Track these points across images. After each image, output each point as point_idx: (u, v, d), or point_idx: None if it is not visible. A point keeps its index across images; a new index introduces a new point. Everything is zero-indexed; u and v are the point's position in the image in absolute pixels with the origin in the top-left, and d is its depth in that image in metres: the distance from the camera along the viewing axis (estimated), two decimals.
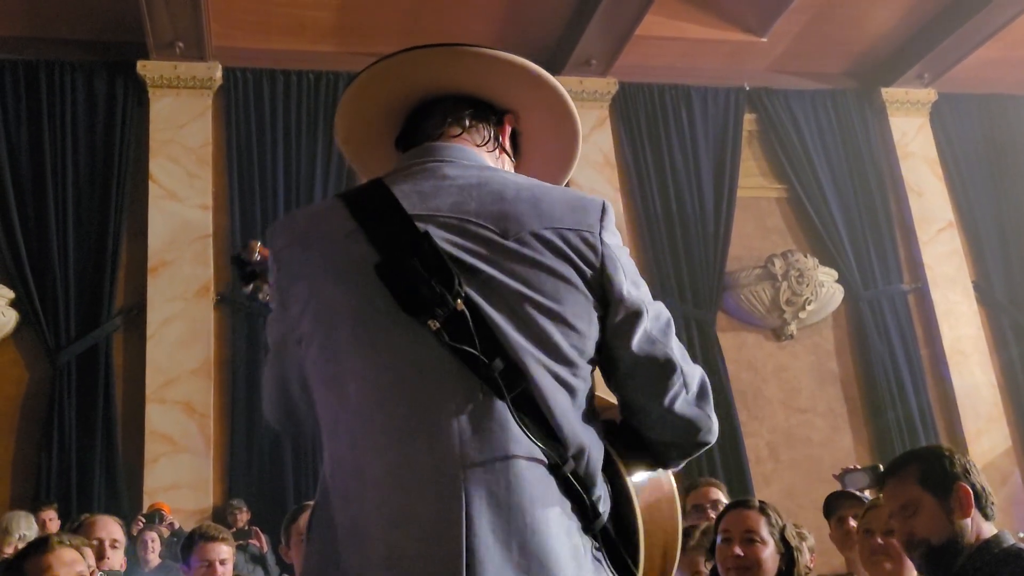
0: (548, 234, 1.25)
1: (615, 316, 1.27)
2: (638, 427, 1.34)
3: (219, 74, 7.90)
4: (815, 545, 3.55)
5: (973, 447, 8.14)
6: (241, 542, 5.56)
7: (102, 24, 7.63)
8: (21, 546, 3.92)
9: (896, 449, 8.08)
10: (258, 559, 5.92)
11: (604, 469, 1.26)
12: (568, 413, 1.22)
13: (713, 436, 1.33)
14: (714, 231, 8.47)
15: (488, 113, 1.46)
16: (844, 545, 3.29)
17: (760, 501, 2.53)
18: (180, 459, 6.86)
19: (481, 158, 1.41)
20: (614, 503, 1.26)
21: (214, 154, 7.79)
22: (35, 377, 7.08)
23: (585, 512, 1.21)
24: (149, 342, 7.13)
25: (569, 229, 1.27)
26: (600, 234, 1.29)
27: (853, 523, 3.22)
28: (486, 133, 1.45)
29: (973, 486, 2.11)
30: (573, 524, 1.19)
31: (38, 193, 7.33)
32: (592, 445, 1.23)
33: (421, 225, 1.25)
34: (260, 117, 7.92)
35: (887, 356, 8.49)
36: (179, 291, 7.31)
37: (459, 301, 1.19)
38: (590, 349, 1.26)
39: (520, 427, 1.18)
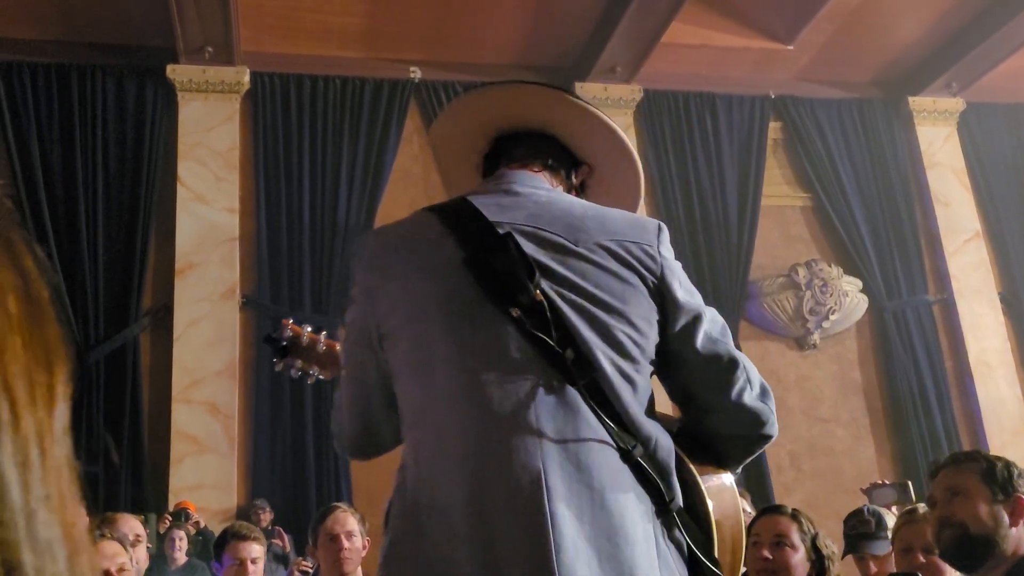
0: (612, 245, 1.39)
1: (676, 320, 1.39)
2: (704, 424, 1.43)
3: (247, 78, 7.98)
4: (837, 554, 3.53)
5: None
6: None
7: (133, 29, 7.73)
8: None
9: (919, 460, 8.02)
10: (281, 558, 5.97)
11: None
12: (632, 404, 1.32)
13: (775, 430, 1.43)
14: (738, 239, 8.45)
15: (567, 160, 1.61)
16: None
17: (793, 508, 2.53)
18: (205, 459, 6.92)
19: (552, 189, 1.56)
20: (684, 492, 1.34)
21: (241, 158, 7.86)
22: None
23: (660, 495, 1.28)
24: (176, 343, 7.20)
25: (631, 241, 1.41)
26: (659, 248, 1.42)
27: (874, 568, 3.14)
28: (562, 178, 1.59)
29: None
30: (645, 507, 1.27)
31: (68, 194, 7.42)
32: (659, 434, 1.33)
33: (503, 230, 1.39)
34: (287, 121, 7.99)
35: (911, 367, 8.43)
36: (206, 293, 7.38)
37: (538, 292, 1.32)
38: (650, 349, 1.37)
39: (591, 414, 1.28)
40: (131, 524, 3.54)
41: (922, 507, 2.71)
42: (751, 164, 8.70)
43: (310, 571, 4.69)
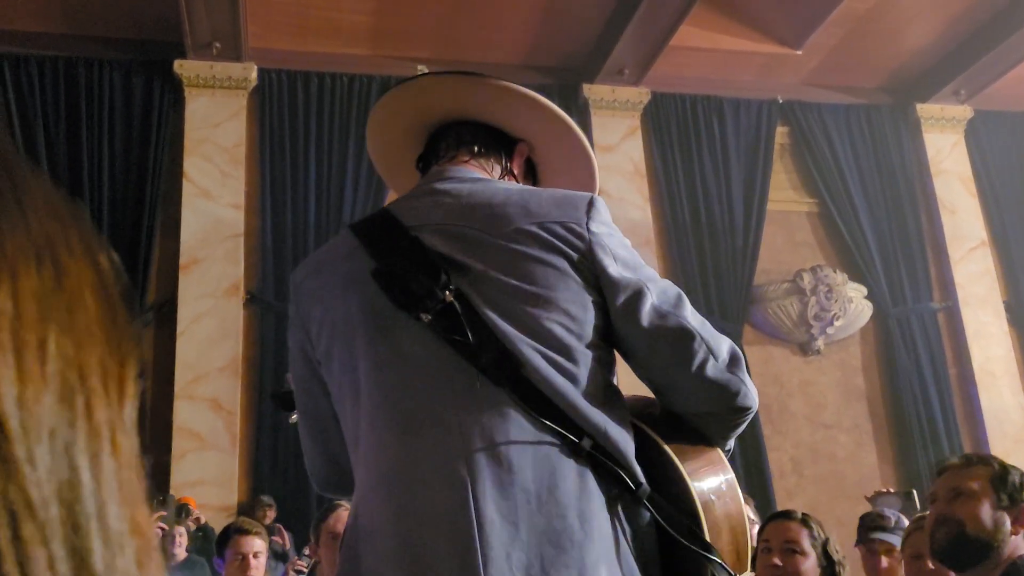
0: (534, 228, 1.30)
1: (615, 299, 1.29)
2: (674, 404, 1.35)
3: (254, 75, 7.97)
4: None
5: None
6: None
7: (141, 23, 7.73)
8: None
9: (921, 468, 8.01)
10: (280, 556, 5.96)
11: (644, 448, 1.28)
12: (571, 396, 1.23)
13: (751, 401, 1.32)
14: (743, 244, 8.44)
15: (500, 142, 1.52)
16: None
17: (803, 513, 2.51)
18: (207, 455, 6.91)
19: (482, 178, 1.46)
20: (660, 475, 1.26)
21: (247, 154, 7.86)
22: None
23: (623, 486, 1.21)
24: (179, 339, 7.19)
25: (554, 222, 1.31)
26: (587, 224, 1.31)
27: (885, 563, 3.14)
28: (495, 161, 1.50)
29: None
30: (599, 502, 1.20)
31: (74, 188, 7.41)
32: (608, 425, 1.24)
33: (415, 233, 1.33)
34: (294, 118, 7.99)
35: (914, 374, 8.42)
36: (210, 289, 7.37)
37: (448, 293, 1.25)
38: (588, 333, 1.28)
39: (522, 413, 1.21)
40: None
41: None
42: (757, 169, 8.69)
43: (304, 570, 4.67)
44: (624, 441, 1.24)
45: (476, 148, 1.48)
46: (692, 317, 1.30)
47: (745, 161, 8.71)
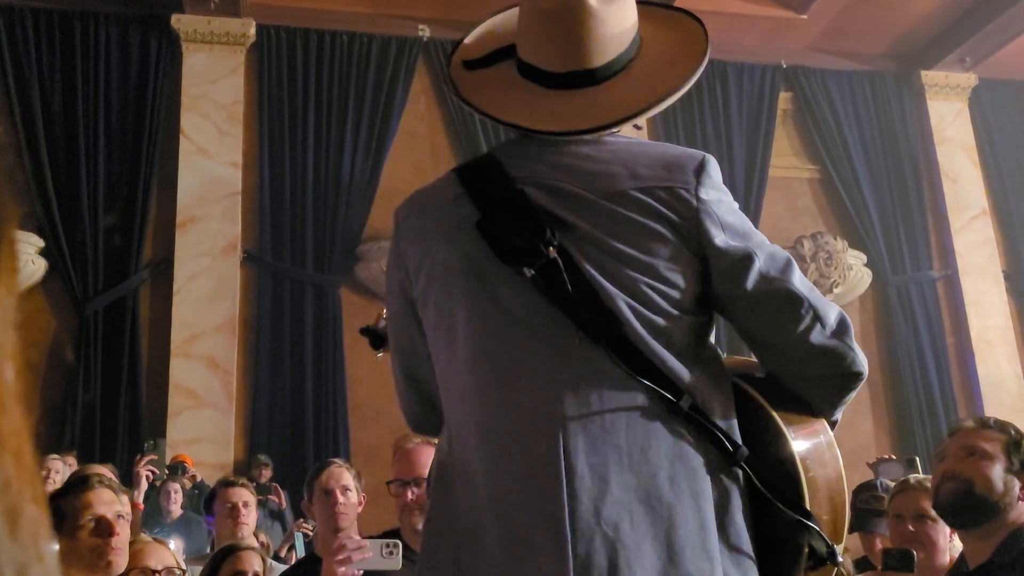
0: (639, 193, 1.28)
1: (721, 266, 1.27)
2: (778, 368, 1.33)
3: (253, 31, 7.87)
4: None
5: None
6: (261, 497, 5.61)
7: None
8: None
9: (917, 436, 8.04)
10: (277, 515, 5.98)
11: (746, 409, 1.27)
12: (668, 358, 1.23)
13: (860, 367, 1.31)
14: (743, 209, 7.92)
15: None
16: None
17: None
18: (202, 413, 6.91)
19: None
20: (761, 438, 1.26)
21: (245, 111, 7.78)
22: (62, 326, 7.15)
23: (720, 448, 1.21)
24: (175, 297, 7.17)
25: (661, 187, 1.28)
26: (696, 190, 1.28)
27: (880, 545, 3.12)
28: None
29: None
30: (694, 464, 1.20)
31: (70, 143, 7.35)
32: (705, 386, 1.24)
33: (520, 185, 1.31)
34: (292, 76, 7.89)
35: (912, 343, 8.42)
36: (206, 247, 7.33)
37: (551, 249, 1.24)
38: (687, 302, 1.27)
39: (619, 371, 1.21)
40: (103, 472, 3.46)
41: (913, 478, 2.69)
42: (760, 134, 8.62)
43: (311, 533, 4.65)
44: (722, 402, 1.24)
45: None
46: (800, 282, 1.29)
47: (747, 126, 8.64)
